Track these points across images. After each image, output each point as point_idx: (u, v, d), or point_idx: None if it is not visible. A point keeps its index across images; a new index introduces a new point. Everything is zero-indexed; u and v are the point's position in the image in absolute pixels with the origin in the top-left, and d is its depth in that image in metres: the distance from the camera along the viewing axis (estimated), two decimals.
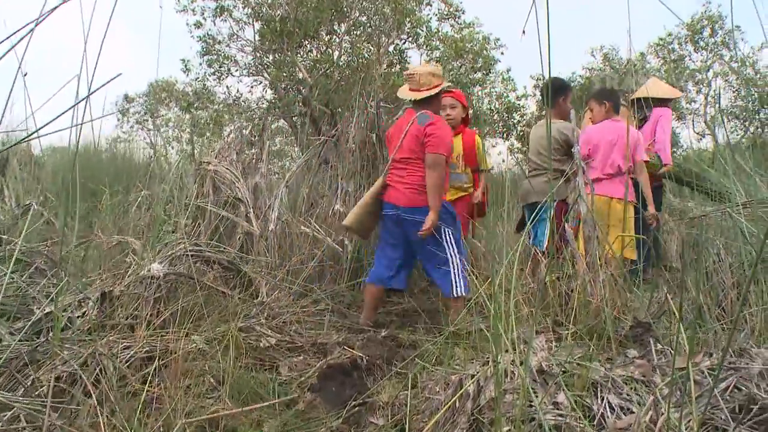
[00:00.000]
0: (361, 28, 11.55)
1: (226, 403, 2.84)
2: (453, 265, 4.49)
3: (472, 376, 2.37)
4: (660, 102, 6.18)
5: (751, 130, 15.38)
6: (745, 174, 4.90)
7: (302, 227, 5.88)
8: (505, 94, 13.70)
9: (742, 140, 15.52)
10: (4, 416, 2.24)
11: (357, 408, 3.01)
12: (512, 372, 2.29)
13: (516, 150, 15.26)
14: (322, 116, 10.47)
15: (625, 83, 12.99)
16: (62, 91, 2.34)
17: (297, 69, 10.50)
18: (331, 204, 6.34)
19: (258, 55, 11.45)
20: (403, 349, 4.21)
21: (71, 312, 3.12)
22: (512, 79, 13.54)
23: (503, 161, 15.42)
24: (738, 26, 14.64)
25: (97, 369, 2.59)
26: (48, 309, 2.90)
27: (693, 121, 16.02)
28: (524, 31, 2.46)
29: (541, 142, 5.43)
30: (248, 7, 11.32)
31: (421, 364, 2.99)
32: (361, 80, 9.69)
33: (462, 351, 2.83)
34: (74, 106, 2.36)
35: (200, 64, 11.89)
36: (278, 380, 3.34)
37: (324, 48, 11.34)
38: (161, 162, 12.03)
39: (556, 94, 5.42)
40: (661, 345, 2.47)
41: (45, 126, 2.02)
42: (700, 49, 15.11)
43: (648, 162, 5.58)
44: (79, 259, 4.99)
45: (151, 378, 2.76)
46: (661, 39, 15.33)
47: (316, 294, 5.37)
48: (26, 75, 2.40)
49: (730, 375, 2.10)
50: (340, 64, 11.36)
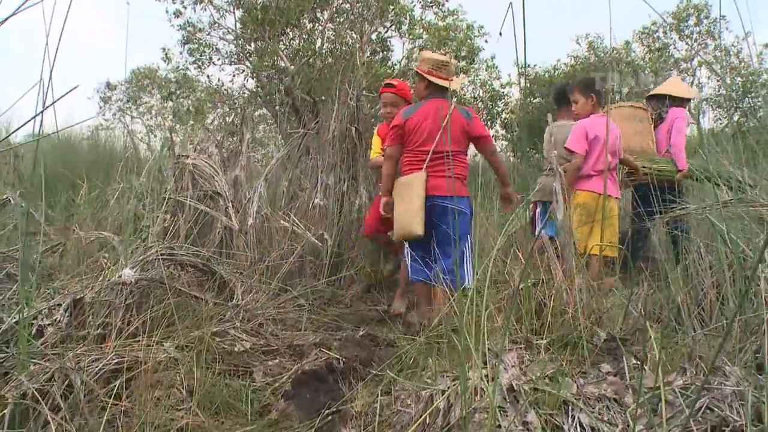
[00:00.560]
0: (344, 15, 11.45)
1: (197, 414, 2.81)
2: (468, 253, 4.51)
3: (443, 392, 2.35)
4: (677, 102, 6.11)
5: (735, 118, 15.43)
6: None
7: (281, 221, 5.85)
8: (490, 82, 13.66)
9: (726, 129, 15.61)
10: None
11: (330, 417, 2.98)
12: (482, 389, 2.26)
13: (501, 137, 15.25)
14: (304, 105, 10.40)
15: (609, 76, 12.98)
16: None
17: (279, 58, 10.39)
18: (311, 197, 6.32)
19: (240, 43, 11.33)
20: (380, 349, 4.20)
21: (42, 320, 3.08)
22: (497, 67, 13.54)
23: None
24: (723, 16, 14.64)
25: (65, 384, 2.54)
26: (16, 318, 2.85)
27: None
28: (501, 33, 2.43)
29: (554, 143, 5.29)
30: None
31: (391, 375, 2.95)
32: (343, 68, 9.62)
33: (433, 362, 2.80)
34: (34, 117, 2.31)
35: (181, 53, 11.80)
36: (252, 387, 3.31)
37: (306, 36, 11.22)
38: (142, 151, 11.93)
39: (565, 97, 5.70)
40: (636, 360, 2.44)
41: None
42: (684, 37, 15.13)
43: (664, 169, 5.70)
44: (54, 261, 4.95)
45: (120, 391, 2.72)
46: (646, 28, 15.35)
47: (296, 290, 5.37)
48: None
49: (703, 395, 2.08)
50: (323, 52, 11.26)
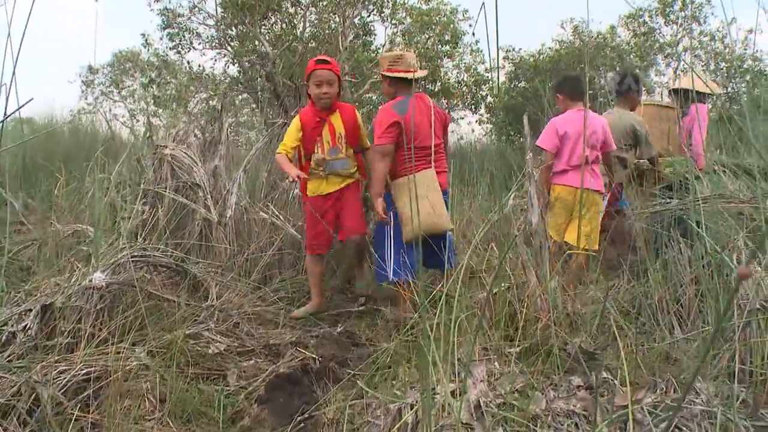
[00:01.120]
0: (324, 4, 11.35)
1: (167, 424, 2.78)
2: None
3: (412, 406, 2.34)
4: (699, 97, 6.04)
5: (719, 104, 15.38)
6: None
7: (261, 213, 5.82)
8: (474, 66, 13.59)
9: (710, 114, 15.55)
10: None
11: (303, 424, 2.97)
12: (449, 405, 2.24)
13: (485, 121, 15.20)
14: (286, 90, 10.31)
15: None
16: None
17: (260, 43, 10.27)
18: (291, 188, 6.27)
19: (220, 28, 11.19)
20: (358, 346, 4.19)
21: (12, 326, 3.04)
22: (481, 51, 13.44)
23: (473, 131, 15.40)
24: (708, 0, 14.63)
25: (32, 398, 2.51)
26: None
27: (662, 94, 16.01)
28: (473, 33, 2.42)
29: (613, 132, 5.34)
30: None
31: (361, 385, 2.93)
32: (325, 53, 9.53)
33: (404, 372, 2.78)
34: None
35: (161, 39, 11.65)
36: (225, 392, 3.28)
37: (288, 21, 11.09)
38: (125, 135, 11.82)
39: (628, 86, 5.69)
40: (606, 375, 2.43)
41: None
42: (670, 22, 15.07)
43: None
44: (33, 253, 4.91)
45: (89, 402, 2.69)
46: (632, 13, 15.28)
47: (275, 283, 5.36)
48: None
49: (672, 415, 2.07)
50: (305, 36, 11.15)
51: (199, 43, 11.71)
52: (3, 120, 2.27)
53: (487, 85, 13.61)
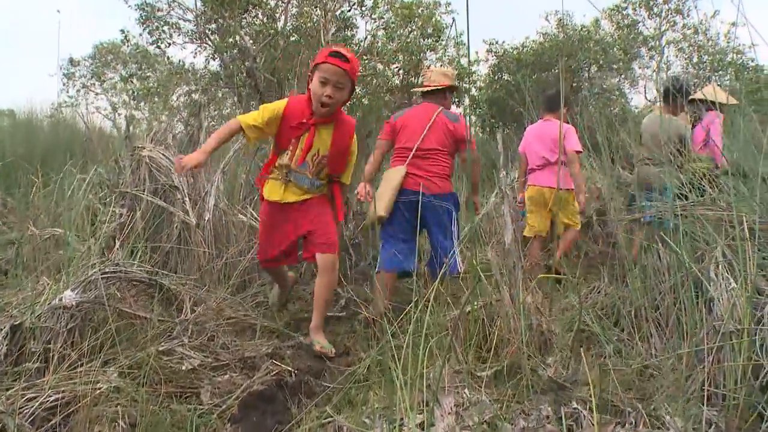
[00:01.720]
0: None
1: None
2: (456, 246, 4.83)
3: None
4: (714, 106, 6.27)
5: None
6: None
7: (240, 215, 5.77)
8: (458, 59, 13.50)
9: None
10: None
11: None
12: None
13: (468, 114, 15.13)
14: (268, 86, 10.22)
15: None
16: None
17: (240, 38, 10.16)
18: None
19: (200, 22, 11.04)
20: (336, 357, 4.16)
21: None
22: (464, 44, 13.35)
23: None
24: None
25: None
26: None
27: (645, 87, 16.10)
28: (454, 20, 2.41)
29: (660, 135, 5.69)
30: None
31: (329, 411, 2.90)
32: (306, 49, 9.48)
33: (373, 397, 2.75)
34: None
35: (140, 34, 11.50)
36: (199, 411, 3.24)
37: (269, 15, 10.97)
38: (107, 128, 11.71)
39: (675, 95, 6.07)
40: (576, 406, 2.41)
41: None
42: (653, 15, 15.08)
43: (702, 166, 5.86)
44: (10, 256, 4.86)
45: (58, 430, 2.65)
46: (616, 6, 15.29)
47: (254, 287, 5.32)
48: None
49: None
50: (287, 31, 11.05)
51: (179, 36, 11.61)
52: None
53: (470, 78, 13.57)
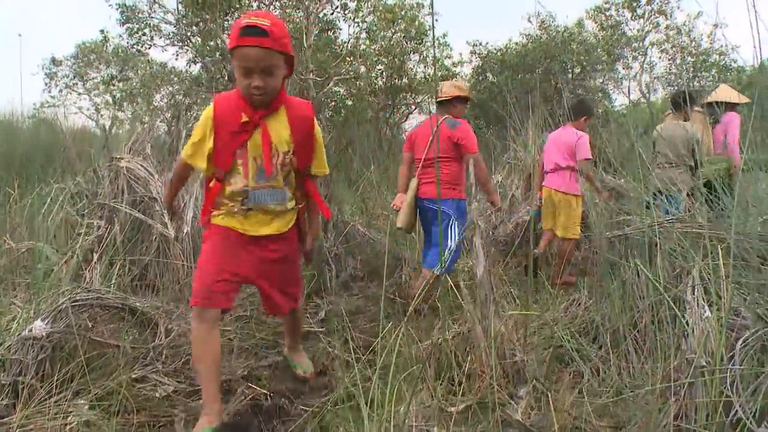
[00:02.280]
0: None
1: None
2: (447, 250, 5.02)
3: None
4: (730, 106, 6.86)
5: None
6: None
7: None
8: (441, 60, 13.47)
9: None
10: None
11: None
12: None
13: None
14: None
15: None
16: None
17: (222, 42, 10.05)
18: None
19: (181, 25, 10.92)
20: (315, 377, 4.12)
21: None
22: (448, 44, 13.34)
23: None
24: None
25: None
26: None
27: (629, 87, 16.13)
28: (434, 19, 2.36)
29: (674, 143, 6.39)
30: None
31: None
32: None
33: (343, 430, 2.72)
34: None
35: (120, 36, 11.36)
36: None
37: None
38: (91, 128, 11.60)
39: (684, 103, 6.48)
40: None
41: None
42: (637, 17, 15.08)
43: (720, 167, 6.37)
44: None
45: None
46: (599, 6, 15.27)
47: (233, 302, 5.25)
48: None
49: None
50: None
51: (161, 39, 11.49)
52: None
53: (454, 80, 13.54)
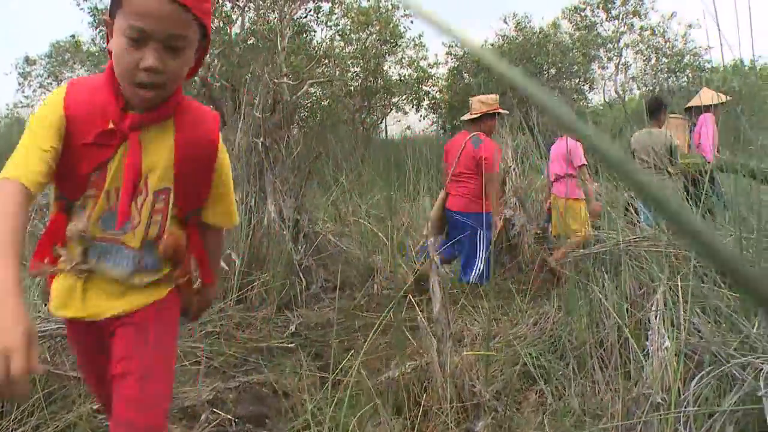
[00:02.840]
0: None
1: None
2: (478, 262, 5.55)
3: None
4: (707, 108, 7.19)
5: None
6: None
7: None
8: (417, 61, 13.47)
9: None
10: None
11: None
12: None
13: (429, 117, 15.11)
14: (223, 93, 10.05)
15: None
16: None
17: None
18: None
19: None
20: (281, 399, 4.10)
21: None
22: (424, 45, 13.31)
23: (421, 119, 15.29)
24: None
25: None
26: None
27: (604, 88, 16.21)
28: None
29: (653, 147, 6.72)
30: None
31: None
32: (263, 55, 9.34)
33: None
34: None
35: (92, 40, 11.22)
36: None
37: (222, 24, 10.77)
38: None
39: (657, 110, 6.96)
40: None
41: None
42: (611, 18, 15.14)
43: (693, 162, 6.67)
44: None
45: None
46: (575, 6, 15.32)
47: (204, 317, 5.21)
48: None
49: None
50: (244, 33, 10.89)
51: None
52: None
53: (430, 81, 13.57)
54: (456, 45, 14.20)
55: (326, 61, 11.46)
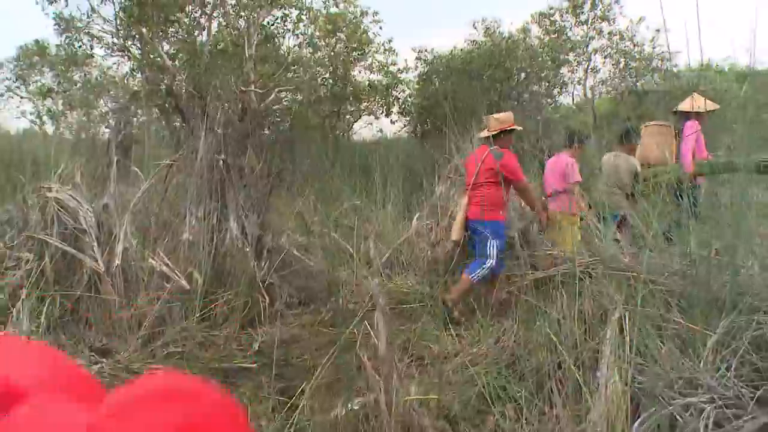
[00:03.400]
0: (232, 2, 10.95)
1: None
2: (486, 264, 5.84)
3: None
4: (692, 116, 7.23)
5: (628, 104, 15.90)
6: None
7: (150, 260, 5.60)
8: (387, 66, 13.42)
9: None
10: None
11: None
12: None
13: (396, 121, 15.06)
14: (190, 103, 9.93)
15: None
16: None
17: (158, 55, 9.82)
18: (179, 233, 6.03)
19: (120, 35, 10.64)
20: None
21: None
22: (394, 50, 13.25)
23: (392, 122, 15.23)
24: (617, 0, 14.89)
25: None
26: None
27: (573, 92, 16.28)
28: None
29: (617, 170, 7.17)
30: None
31: None
32: (231, 63, 9.29)
33: None
34: None
35: (58, 47, 11.03)
36: None
37: (188, 34, 10.64)
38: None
39: (628, 136, 7.38)
40: None
41: None
42: (580, 23, 15.20)
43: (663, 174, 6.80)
44: None
45: None
46: (543, 12, 15.37)
47: (165, 338, 5.17)
48: None
49: None
50: (212, 40, 10.79)
51: (101, 47, 11.20)
52: None
53: (400, 87, 13.54)
54: (426, 50, 14.22)
55: (294, 67, 11.38)
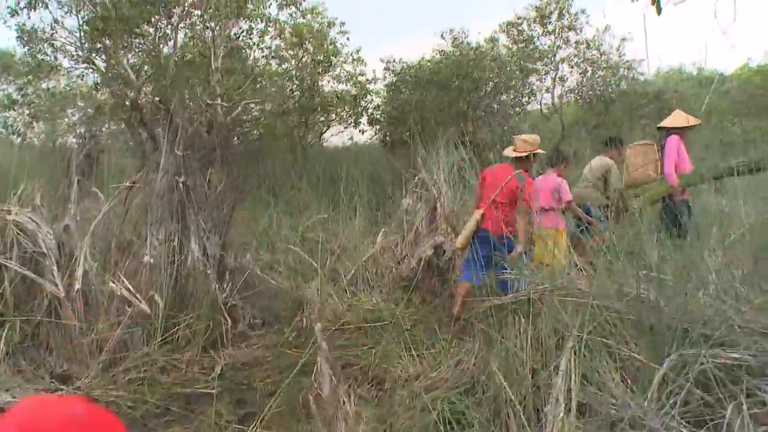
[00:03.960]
0: (198, 13, 10.86)
1: None
2: (479, 272, 6.08)
3: None
4: (674, 131, 7.45)
5: (596, 111, 16.07)
6: None
7: (110, 284, 5.54)
8: (356, 77, 13.40)
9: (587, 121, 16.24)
10: None
11: None
12: None
13: (364, 132, 15.02)
14: (156, 115, 9.85)
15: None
16: None
17: (122, 69, 9.71)
18: (140, 255, 5.97)
19: (85, 48, 10.51)
20: None
21: None
22: (362, 60, 13.24)
23: (362, 132, 15.16)
24: (583, 10, 15.05)
25: None
26: None
27: (542, 101, 16.39)
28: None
29: (591, 168, 8.06)
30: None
31: None
32: (197, 76, 9.23)
33: None
34: None
35: (20, 59, 10.87)
36: None
37: (152, 47, 10.52)
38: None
39: (615, 143, 8.19)
40: None
41: None
42: (548, 33, 15.31)
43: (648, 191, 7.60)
44: None
45: None
46: (511, 21, 15.45)
47: (126, 363, 5.12)
48: None
49: None
50: (173, 58, 10.69)
51: (65, 58, 11.06)
52: None
53: (368, 97, 13.53)
54: (394, 61, 14.18)
55: (261, 79, 11.31)
